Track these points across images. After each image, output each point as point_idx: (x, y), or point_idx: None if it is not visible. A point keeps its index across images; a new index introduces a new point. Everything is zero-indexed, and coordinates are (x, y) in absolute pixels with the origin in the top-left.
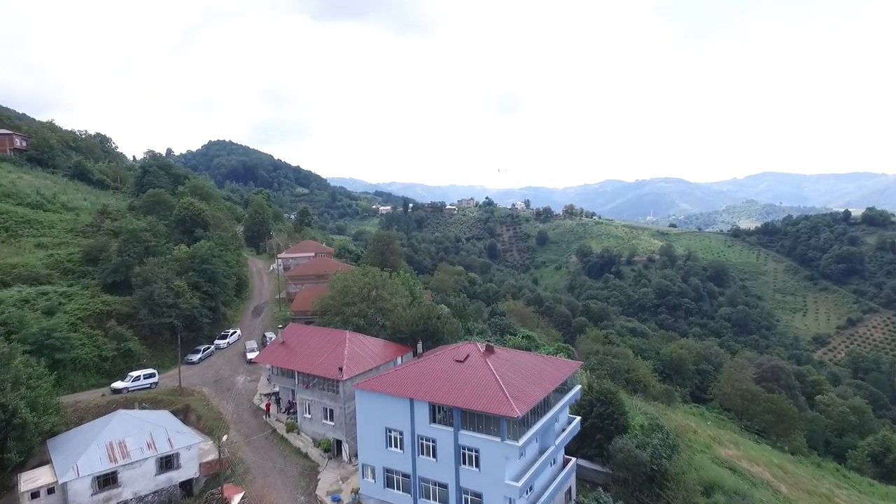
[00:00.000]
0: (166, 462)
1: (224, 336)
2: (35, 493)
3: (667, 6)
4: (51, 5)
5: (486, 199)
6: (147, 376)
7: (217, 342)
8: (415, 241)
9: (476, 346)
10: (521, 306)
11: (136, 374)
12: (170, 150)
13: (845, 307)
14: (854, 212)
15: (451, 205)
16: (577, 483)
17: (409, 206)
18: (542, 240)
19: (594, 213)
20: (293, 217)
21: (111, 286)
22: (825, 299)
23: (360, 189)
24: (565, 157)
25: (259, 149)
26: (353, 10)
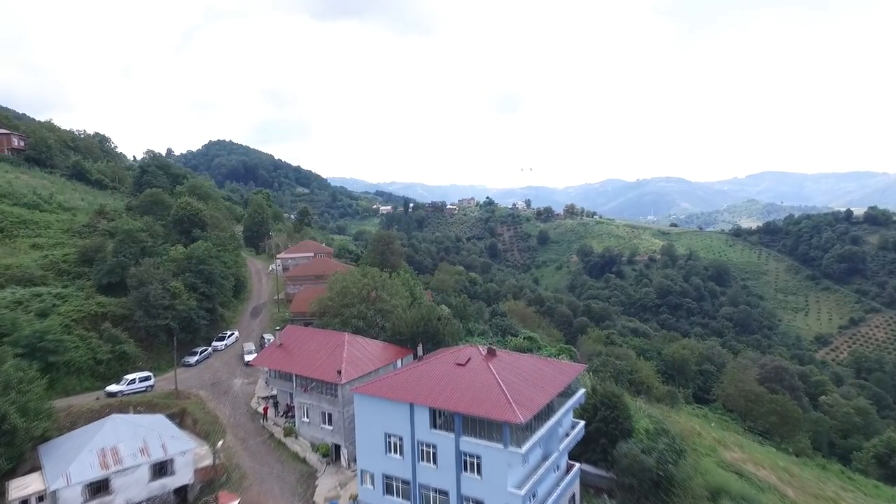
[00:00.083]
0: (160, 468)
1: (222, 338)
2: (25, 501)
3: (666, 6)
4: (52, 5)
5: (487, 198)
6: (142, 379)
7: (215, 344)
8: (415, 241)
9: (478, 348)
10: (523, 306)
11: (131, 377)
12: (170, 150)
13: (847, 307)
14: (856, 211)
15: (451, 204)
16: (581, 489)
17: (410, 205)
18: (543, 239)
19: (595, 213)
20: (293, 217)
21: (106, 287)
22: (827, 299)
23: (360, 189)
24: (566, 157)
25: (259, 149)
26: (353, 10)
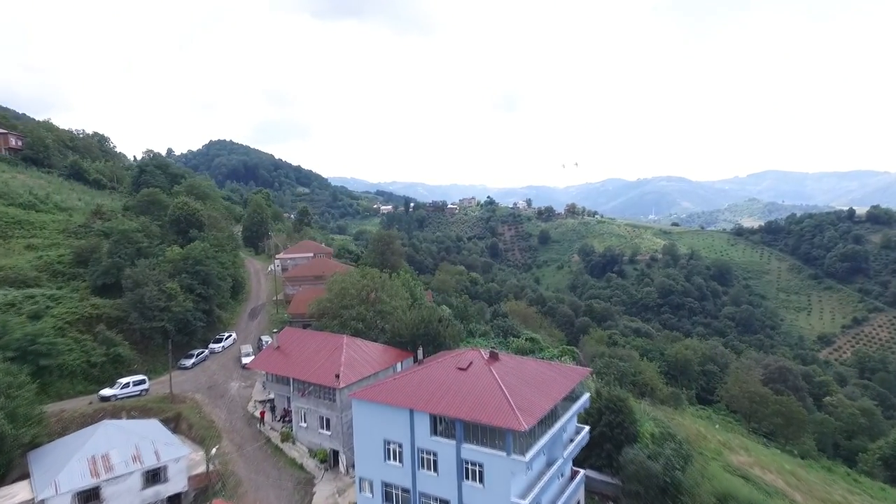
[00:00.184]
0: (153, 476)
1: (219, 340)
2: None
3: (666, 5)
4: (54, 6)
5: (488, 198)
6: (137, 383)
7: (212, 346)
8: (416, 241)
9: (479, 352)
10: (524, 307)
11: (125, 380)
12: (171, 150)
13: (850, 306)
14: (858, 210)
15: (452, 204)
16: (586, 496)
17: (411, 205)
18: (544, 239)
19: (596, 212)
20: (293, 217)
21: (101, 289)
22: (830, 298)
23: (361, 188)
24: (566, 156)
25: (260, 148)
26: (353, 9)
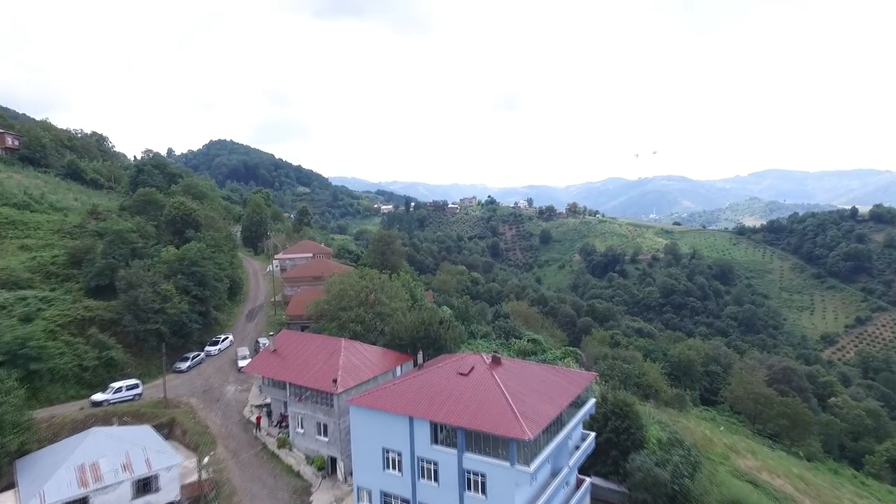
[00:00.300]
0: (144, 485)
1: (215, 342)
2: None
3: (665, 4)
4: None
5: (489, 197)
6: (130, 387)
7: (208, 349)
8: (417, 241)
9: (481, 356)
10: (525, 307)
11: (117, 385)
12: (171, 150)
13: (853, 305)
14: (861, 209)
15: (453, 203)
16: None
17: (411, 205)
18: (545, 238)
19: (597, 212)
20: (293, 217)
21: (95, 290)
22: (833, 298)
23: (362, 188)
24: (567, 155)
25: (260, 148)
26: (353, 9)
